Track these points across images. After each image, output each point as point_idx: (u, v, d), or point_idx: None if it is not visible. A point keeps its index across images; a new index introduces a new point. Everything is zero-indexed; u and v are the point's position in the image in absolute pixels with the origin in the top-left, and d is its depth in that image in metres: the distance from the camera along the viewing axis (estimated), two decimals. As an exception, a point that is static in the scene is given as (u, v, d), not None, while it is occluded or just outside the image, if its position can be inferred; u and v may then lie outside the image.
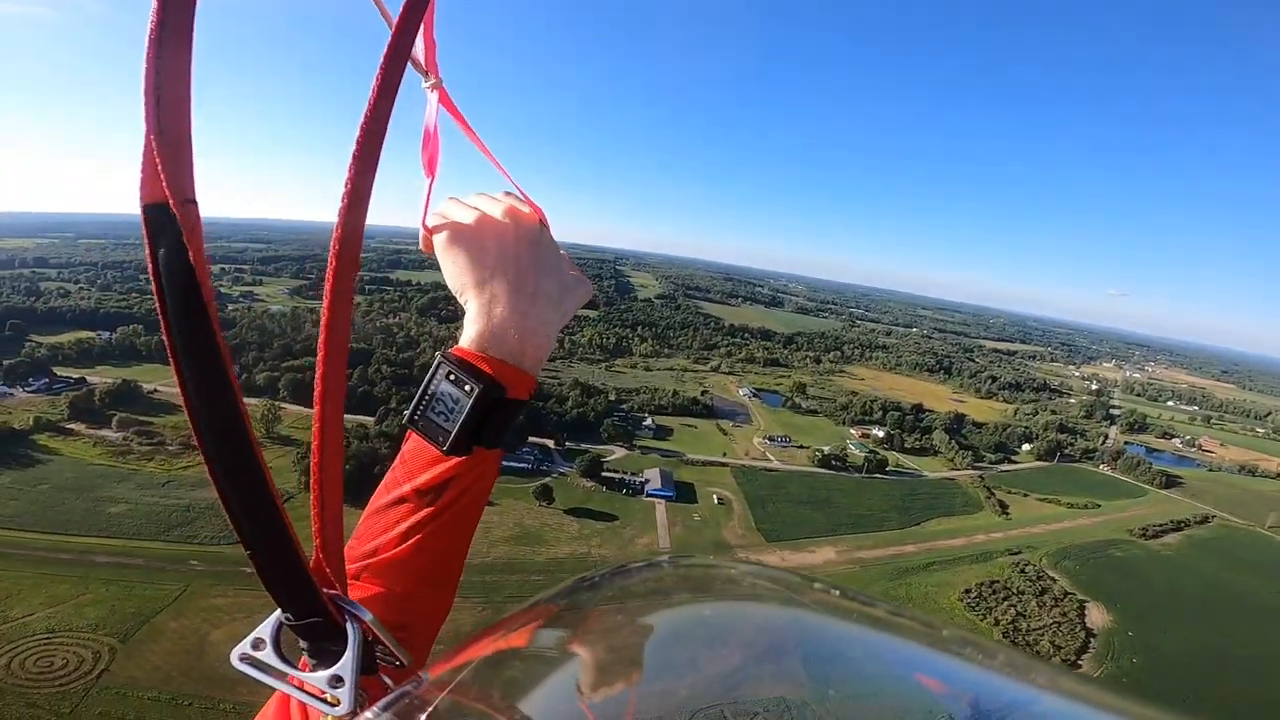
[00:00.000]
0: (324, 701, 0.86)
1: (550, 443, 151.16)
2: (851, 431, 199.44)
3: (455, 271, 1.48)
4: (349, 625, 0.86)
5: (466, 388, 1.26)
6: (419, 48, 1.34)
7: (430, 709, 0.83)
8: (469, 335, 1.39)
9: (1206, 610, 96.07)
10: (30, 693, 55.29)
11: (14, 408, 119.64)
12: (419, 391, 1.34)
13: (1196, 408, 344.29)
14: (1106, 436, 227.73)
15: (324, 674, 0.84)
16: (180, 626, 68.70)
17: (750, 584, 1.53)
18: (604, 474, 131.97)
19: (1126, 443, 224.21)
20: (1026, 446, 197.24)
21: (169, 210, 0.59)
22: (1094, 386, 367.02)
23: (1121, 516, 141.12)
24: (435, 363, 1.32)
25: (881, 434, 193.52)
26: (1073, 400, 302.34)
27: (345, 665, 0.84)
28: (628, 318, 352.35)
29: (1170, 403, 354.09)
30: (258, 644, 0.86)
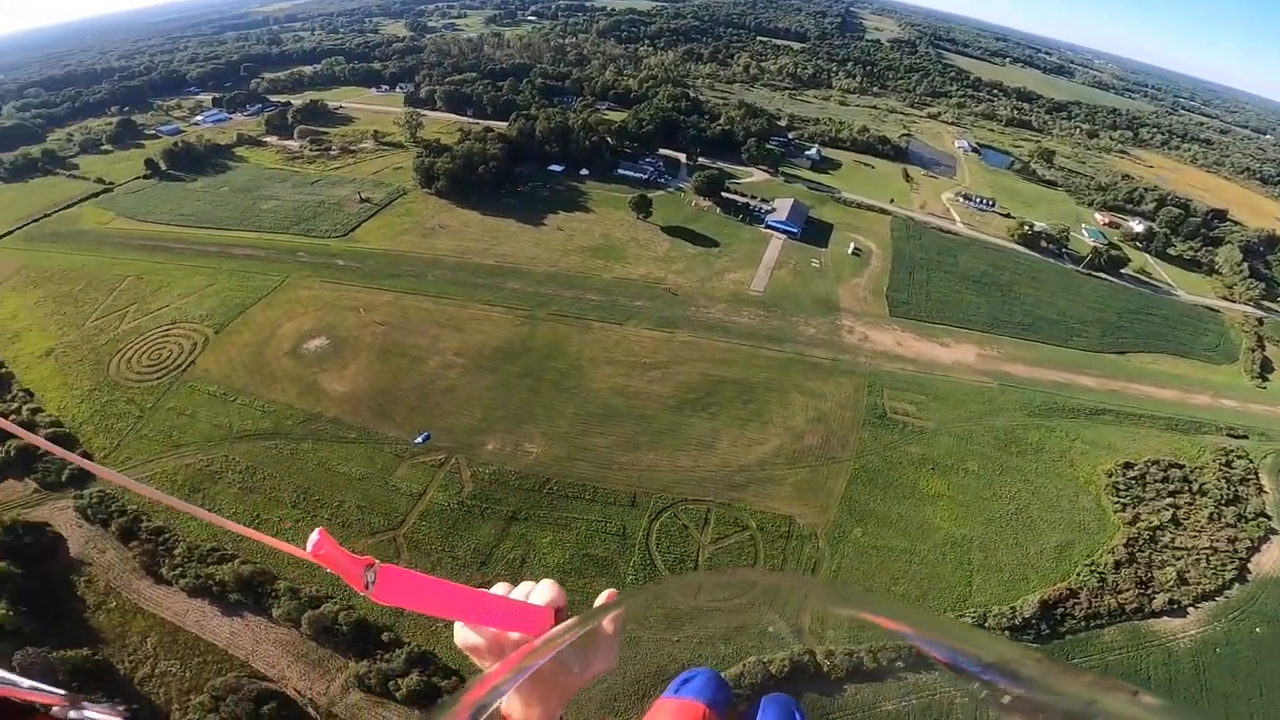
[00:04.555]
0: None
1: (682, 156, 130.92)
2: (1095, 215, 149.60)
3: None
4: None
5: None
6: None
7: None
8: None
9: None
10: (132, 388, 62.24)
11: (226, 129, 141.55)
12: None
13: None
14: None
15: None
16: (264, 318, 72.54)
17: None
18: (724, 194, 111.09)
19: None
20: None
21: None
22: None
23: None
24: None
25: (1141, 228, 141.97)
26: None
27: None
28: (838, 53, 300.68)
29: None
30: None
